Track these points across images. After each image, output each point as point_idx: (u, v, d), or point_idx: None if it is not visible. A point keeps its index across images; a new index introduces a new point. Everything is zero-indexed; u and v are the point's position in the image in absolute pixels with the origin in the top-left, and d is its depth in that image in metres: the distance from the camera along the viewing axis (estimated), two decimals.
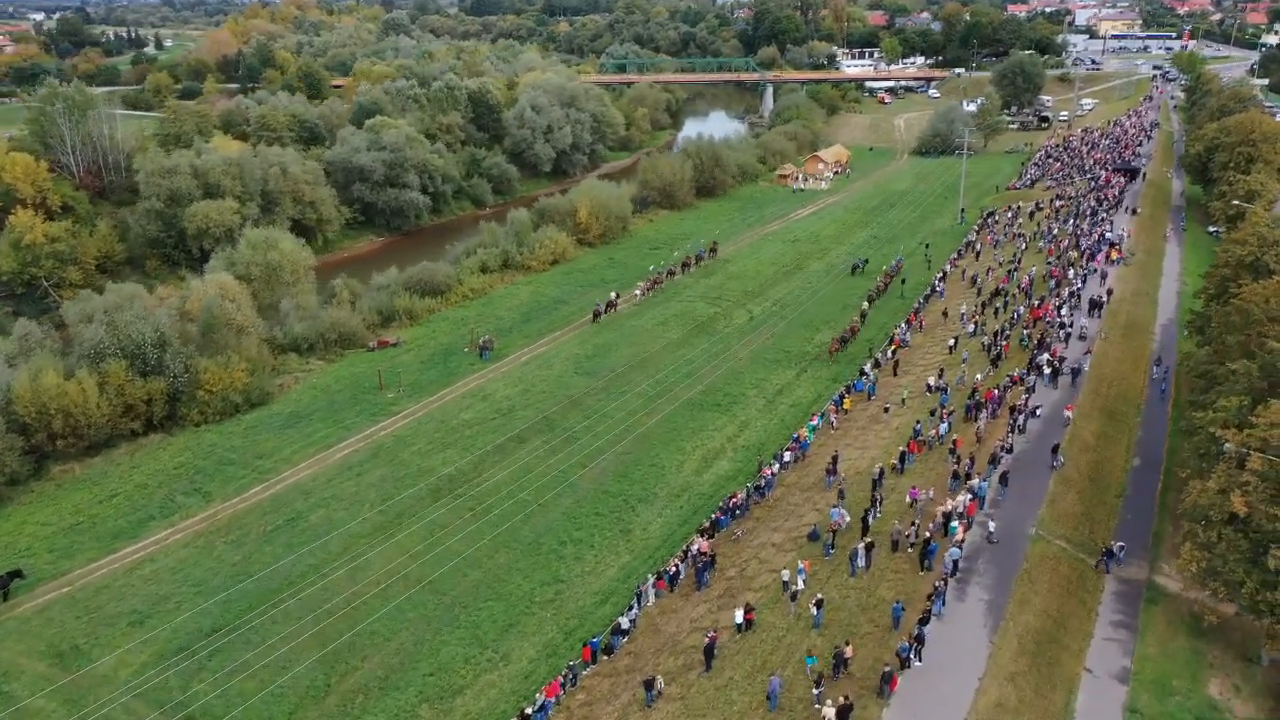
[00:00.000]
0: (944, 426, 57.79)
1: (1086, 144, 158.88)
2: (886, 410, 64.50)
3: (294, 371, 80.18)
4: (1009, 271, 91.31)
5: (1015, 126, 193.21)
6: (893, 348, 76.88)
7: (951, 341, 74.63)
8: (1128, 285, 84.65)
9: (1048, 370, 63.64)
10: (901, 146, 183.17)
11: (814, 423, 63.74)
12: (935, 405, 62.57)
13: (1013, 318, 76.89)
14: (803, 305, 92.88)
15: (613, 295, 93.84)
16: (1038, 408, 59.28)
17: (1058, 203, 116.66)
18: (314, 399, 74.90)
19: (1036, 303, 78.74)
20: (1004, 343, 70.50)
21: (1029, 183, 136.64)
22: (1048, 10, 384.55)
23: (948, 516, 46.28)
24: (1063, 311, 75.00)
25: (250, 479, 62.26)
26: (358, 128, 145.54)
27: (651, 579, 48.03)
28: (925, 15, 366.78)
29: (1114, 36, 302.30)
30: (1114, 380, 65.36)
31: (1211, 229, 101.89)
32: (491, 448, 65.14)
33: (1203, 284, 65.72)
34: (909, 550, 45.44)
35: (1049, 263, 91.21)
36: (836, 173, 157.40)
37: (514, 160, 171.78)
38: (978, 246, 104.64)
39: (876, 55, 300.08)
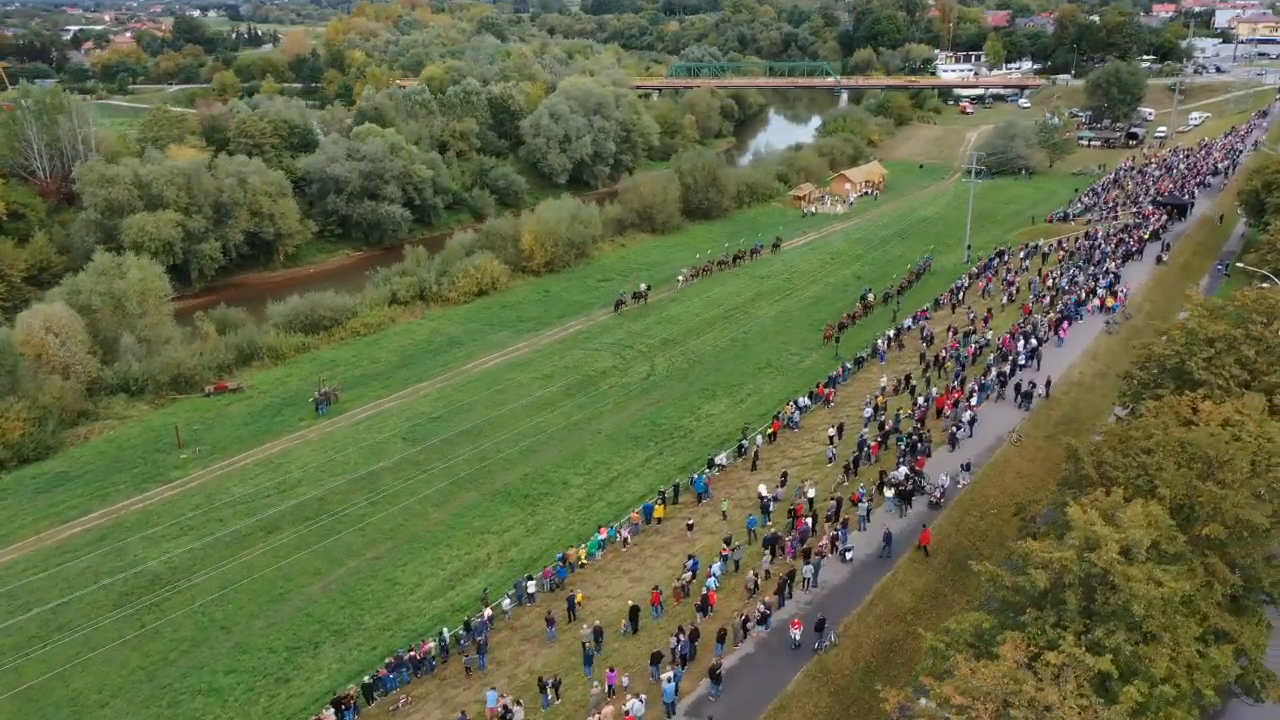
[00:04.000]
0: (737, 556, 44.60)
1: (1164, 167, 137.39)
2: (690, 527, 50.99)
3: (110, 418, 72.05)
4: (966, 333, 75.25)
5: (1097, 143, 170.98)
6: (771, 430, 62.77)
7: (833, 430, 60.07)
8: (1097, 363, 67.57)
9: (890, 493, 48.81)
10: (958, 164, 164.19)
11: (601, 537, 50.79)
12: (754, 522, 48.94)
13: (917, 405, 61.51)
14: (719, 362, 79.27)
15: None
16: (848, 550, 44.91)
17: (1084, 242, 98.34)
18: (99, 456, 66.39)
19: (953, 385, 63.11)
20: (873, 442, 55.64)
21: (1075, 213, 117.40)
22: (1197, 10, 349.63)
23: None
24: (972, 402, 59.25)
25: None
26: (343, 135, 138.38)
27: None
28: (1047, 16, 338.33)
29: (1246, 41, 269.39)
30: (988, 516, 49.85)
31: (1265, 284, 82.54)
32: (229, 536, 55.00)
33: (1122, 388, 49.56)
34: None
35: (1017, 324, 74.75)
36: (865, 194, 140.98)
37: (530, 170, 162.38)
38: (961, 295, 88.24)
39: (978, 59, 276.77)
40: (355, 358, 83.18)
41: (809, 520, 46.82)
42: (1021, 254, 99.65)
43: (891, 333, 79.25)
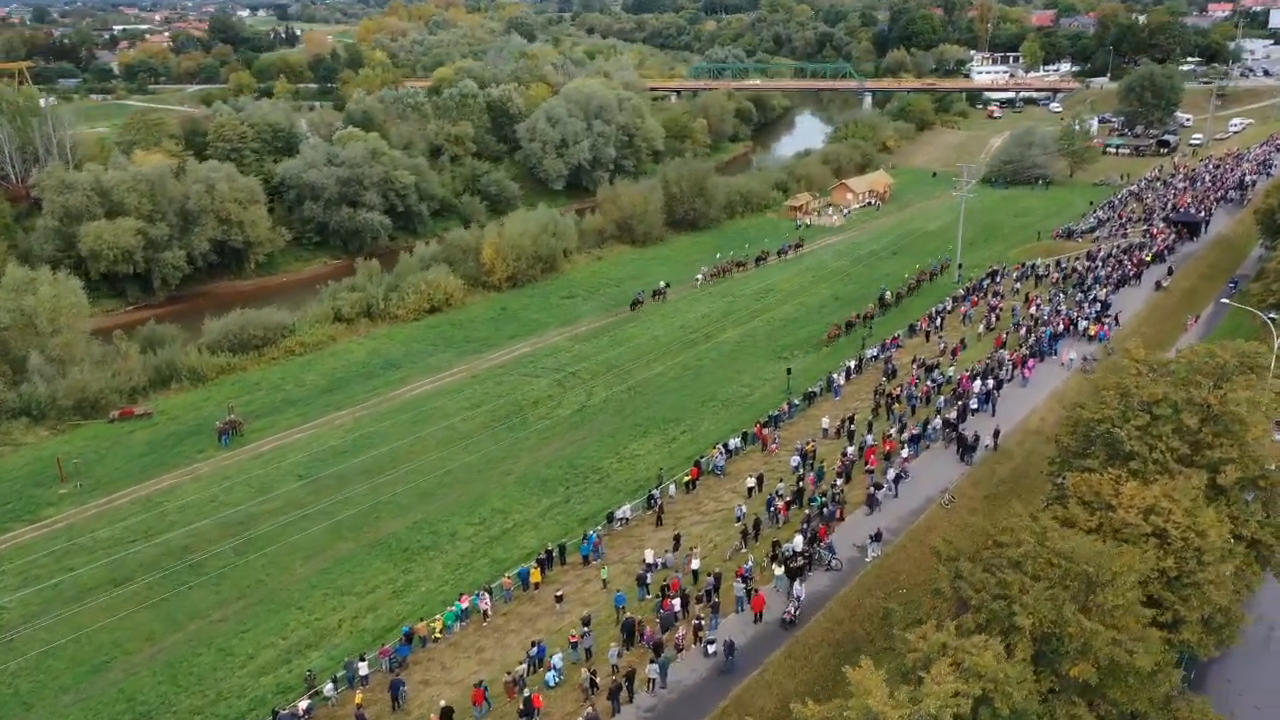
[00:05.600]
0: (589, 643, 38.62)
1: (1189, 179, 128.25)
2: (560, 599, 45.03)
3: (7, 444, 67.83)
4: (929, 367, 68.29)
5: (1126, 151, 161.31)
6: (689, 477, 56.59)
7: (753, 480, 53.76)
8: (1064, 408, 60.10)
9: (779, 569, 42.43)
10: (975, 172, 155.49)
11: (462, 605, 44.99)
12: (622, 599, 42.91)
13: (845, 455, 54.86)
14: (662, 392, 73.23)
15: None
16: (711, 642, 38.67)
17: (1083, 263, 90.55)
18: None
19: (889, 433, 56.38)
20: (780, 503, 49.24)
21: (1083, 229, 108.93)
22: (1255, 10, 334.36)
23: None
24: (904, 454, 52.52)
25: None
26: (326, 140, 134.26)
27: None
28: (1094, 16, 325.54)
29: None
30: (894, 597, 43.22)
31: (1272, 315, 74.33)
32: (72, 587, 50.32)
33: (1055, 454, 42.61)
34: None
35: (983, 359, 67.70)
36: (869, 204, 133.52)
37: (527, 175, 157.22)
38: (941, 321, 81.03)
39: (1015, 61, 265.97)
40: (281, 380, 78.37)
41: (677, 602, 40.61)
42: (1016, 275, 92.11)
43: (853, 363, 72.54)
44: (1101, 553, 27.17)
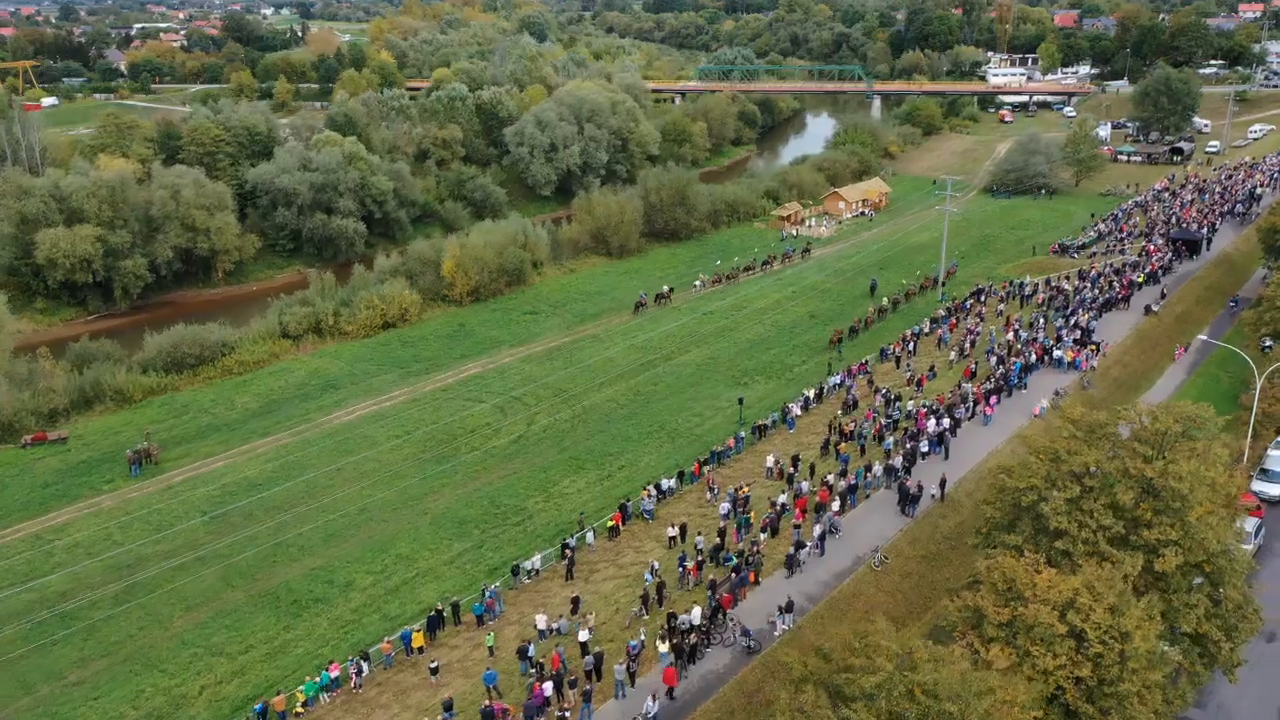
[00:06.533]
0: None
1: (1199, 189, 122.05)
2: (435, 670, 40.63)
3: None
4: (889, 400, 63.33)
5: (1138, 159, 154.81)
6: (611, 522, 52.09)
7: (675, 529, 49.13)
8: (1020, 454, 54.99)
9: (664, 646, 37.78)
10: (979, 180, 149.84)
11: (331, 674, 40.69)
12: (492, 677, 38.42)
13: (775, 505, 50.07)
14: (608, 421, 68.78)
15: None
16: None
17: (1073, 283, 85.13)
18: None
19: (827, 479, 51.50)
20: (691, 563, 44.58)
21: (1080, 244, 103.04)
22: None
23: None
24: (834, 507, 47.68)
25: None
26: (302, 144, 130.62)
27: None
28: (1118, 17, 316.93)
29: None
30: None
31: (1267, 343, 68.94)
32: None
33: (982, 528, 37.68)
34: None
35: (943, 394, 62.64)
36: (861, 214, 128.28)
37: (516, 181, 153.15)
38: (914, 345, 75.97)
39: (1034, 63, 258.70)
40: (213, 403, 74.50)
41: (549, 686, 36.10)
42: (1001, 294, 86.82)
43: (812, 391, 67.69)
44: (972, 686, 22.33)
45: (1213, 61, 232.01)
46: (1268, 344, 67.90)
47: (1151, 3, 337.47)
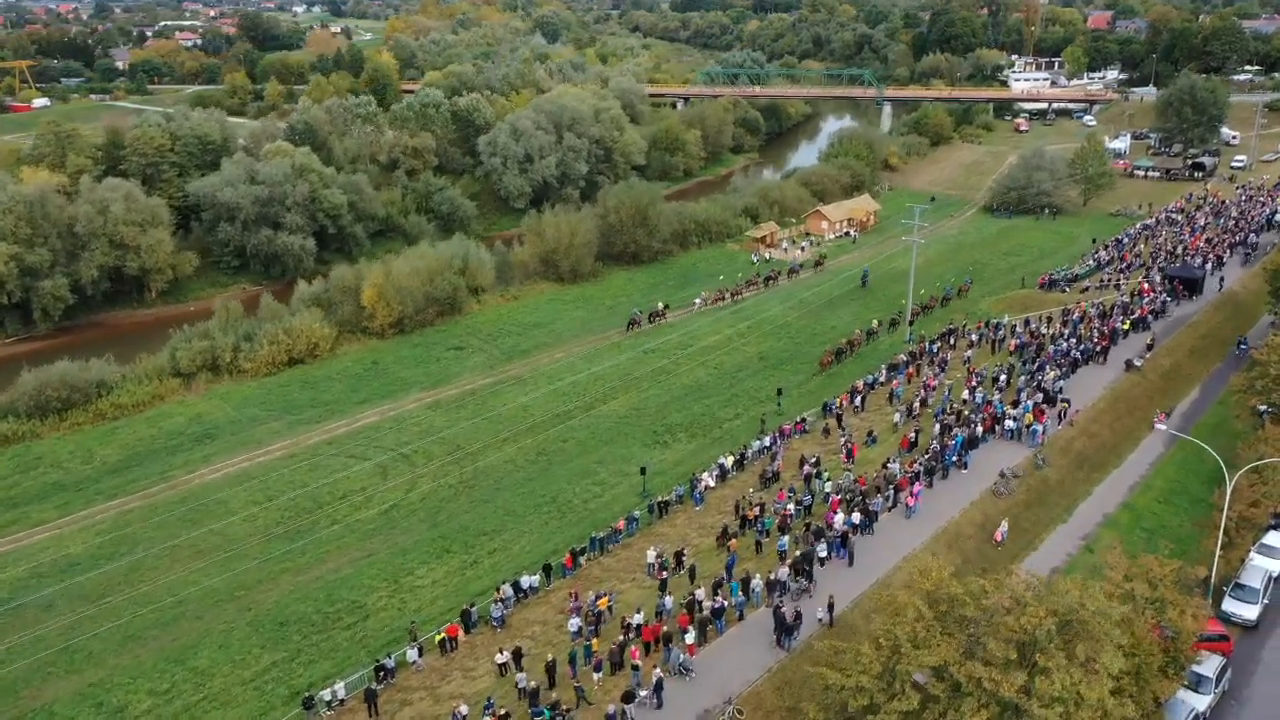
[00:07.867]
0: None
1: (1216, 211, 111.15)
2: None
3: None
4: (809, 476, 54.30)
5: (1156, 175, 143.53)
6: (444, 634, 43.59)
7: (507, 655, 40.56)
8: (953, 554, 45.68)
9: None
10: (980, 196, 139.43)
11: None
12: None
13: (626, 627, 41.28)
14: (498, 487, 60.45)
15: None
16: None
17: (1056, 325, 75.35)
18: None
19: (694, 592, 42.61)
20: (497, 711, 35.89)
21: (1072, 276, 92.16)
22: None
23: None
24: (687, 639, 38.75)
25: None
26: (250, 155, 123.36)
27: None
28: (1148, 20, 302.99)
29: None
30: None
31: (1262, 408, 58.85)
32: None
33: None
34: None
35: (875, 473, 53.46)
36: (845, 235, 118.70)
37: (490, 193, 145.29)
38: (863, 401, 66.68)
39: (1057, 67, 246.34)
40: (69, 455, 67.00)
41: None
42: (974, 337, 77.12)
43: (730, 460, 58.79)
44: None
45: (1248, 67, 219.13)
46: (1264, 409, 57.95)
47: (1192, 3, 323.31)
